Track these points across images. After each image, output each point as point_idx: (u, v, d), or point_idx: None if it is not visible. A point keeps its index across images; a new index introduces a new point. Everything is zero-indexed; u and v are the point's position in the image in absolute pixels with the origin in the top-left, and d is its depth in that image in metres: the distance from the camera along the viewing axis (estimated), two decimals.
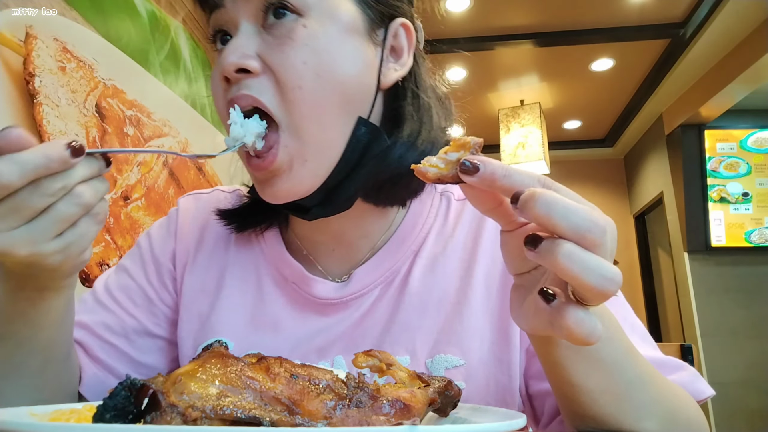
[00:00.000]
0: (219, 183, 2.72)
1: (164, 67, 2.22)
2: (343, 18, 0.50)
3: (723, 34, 3.42)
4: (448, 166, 0.36)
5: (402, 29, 0.56)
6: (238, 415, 0.29)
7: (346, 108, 0.51)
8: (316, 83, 0.48)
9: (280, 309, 0.62)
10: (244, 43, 0.49)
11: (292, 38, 0.48)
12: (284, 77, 0.48)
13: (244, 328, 0.62)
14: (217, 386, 0.31)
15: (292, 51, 0.48)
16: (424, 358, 0.56)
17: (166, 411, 0.28)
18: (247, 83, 0.49)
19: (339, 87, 0.50)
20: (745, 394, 3.96)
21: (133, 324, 0.65)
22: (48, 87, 1.55)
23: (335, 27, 0.50)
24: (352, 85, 0.51)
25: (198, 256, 0.67)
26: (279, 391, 0.32)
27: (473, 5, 3.30)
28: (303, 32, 0.48)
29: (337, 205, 0.56)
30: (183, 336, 0.64)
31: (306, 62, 0.48)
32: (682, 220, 4.30)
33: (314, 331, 0.60)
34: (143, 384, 0.29)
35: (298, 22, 0.48)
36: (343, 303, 0.60)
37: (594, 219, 0.31)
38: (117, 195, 1.84)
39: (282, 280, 0.63)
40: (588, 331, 0.32)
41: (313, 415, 0.31)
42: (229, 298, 0.63)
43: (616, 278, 0.31)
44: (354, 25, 0.51)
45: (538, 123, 4.13)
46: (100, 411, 0.28)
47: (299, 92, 0.48)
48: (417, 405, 0.34)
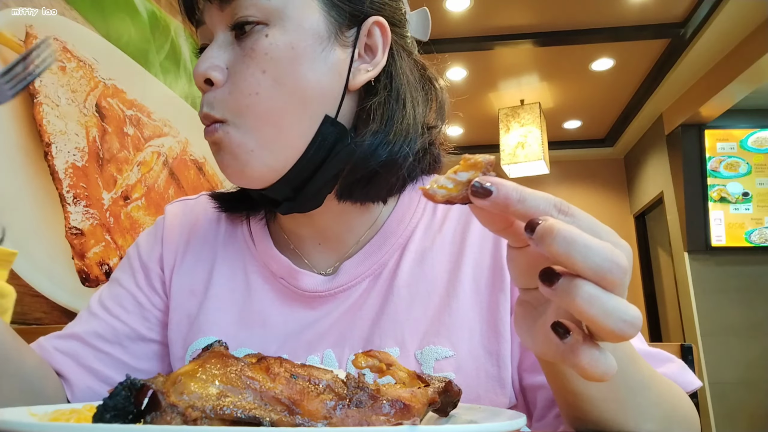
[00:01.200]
0: (219, 182, 2.72)
1: (164, 67, 2.23)
2: (306, 24, 0.52)
3: (723, 34, 3.42)
4: (458, 187, 0.34)
5: (376, 27, 0.56)
6: (238, 415, 0.29)
7: (308, 110, 0.53)
8: (274, 90, 0.51)
9: (268, 304, 0.62)
10: (215, 54, 0.52)
11: (255, 49, 0.50)
12: (242, 86, 0.51)
13: (233, 325, 0.62)
14: (217, 386, 0.31)
15: (253, 62, 0.50)
16: (414, 350, 0.56)
17: (166, 411, 0.28)
18: (210, 98, 0.52)
19: (299, 92, 0.52)
20: (745, 394, 3.96)
21: (126, 330, 0.65)
22: (48, 87, 1.56)
23: (298, 34, 0.51)
24: (314, 89, 0.52)
25: (185, 258, 0.67)
26: (279, 391, 0.32)
27: (473, 5, 3.30)
28: (265, 42, 0.51)
29: (305, 202, 0.57)
30: (173, 338, 0.65)
31: (265, 71, 0.50)
32: (682, 220, 4.30)
33: (303, 326, 0.60)
34: (143, 384, 0.29)
35: (261, 33, 0.51)
36: (330, 295, 0.60)
37: (616, 259, 0.30)
38: (117, 195, 1.84)
39: (270, 275, 0.63)
40: (602, 372, 0.31)
41: (313, 415, 0.31)
42: (218, 296, 0.64)
43: (636, 322, 0.30)
44: (318, 31, 0.53)
45: (538, 123, 4.13)
46: (100, 411, 0.28)
47: (255, 98, 0.50)
48: (417, 405, 0.34)
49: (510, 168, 4.26)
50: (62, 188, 1.58)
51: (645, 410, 0.44)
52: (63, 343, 0.64)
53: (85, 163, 1.69)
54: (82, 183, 1.67)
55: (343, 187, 0.58)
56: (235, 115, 0.52)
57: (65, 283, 1.55)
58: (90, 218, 1.69)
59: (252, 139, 0.52)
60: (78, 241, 1.63)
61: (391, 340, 0.56)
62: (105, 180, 1.79)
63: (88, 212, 1.68)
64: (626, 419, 0.44)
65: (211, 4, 0.52)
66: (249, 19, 0.50)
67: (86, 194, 1.68)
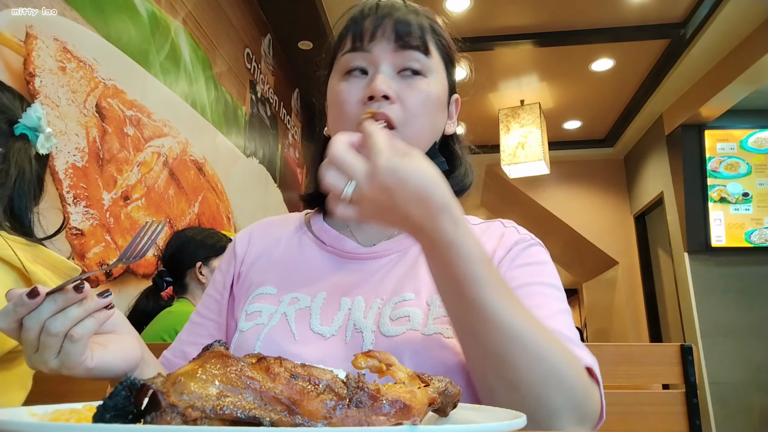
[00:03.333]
0: (219, 183, 2.72)
1: (164, 67, 2.23)
2: (442, 85, 0.77)
3: (723, 34, 3.43)
4: None
5: (455, 101, 0.84)
6: (238, 415, 0.29)
7: (431, 135, 0.76)
8: (427, 117, 0.74)
9: (317, 263, 0.78)
10: (388, 79, 0.72)
11: (420, 89, 0.73)
12: (411, 107, 0.72)
13: (284, 276, 0.77)
14: (216, 386, 0.31)
15: (420, 95, 0.73)
16: (426, 298, 0.69)
17: (166, 411, 0.28)
18: (385, 105, 0.71)
19: (433, 122, 0.75)
20: (745, 394, 3.96)
21: (214, 325, 0.80)
22: (48, 87, 1.56)
23: (440, 89, 0.76)
24: (436, 124, 0.77)
25: (251, 252, 0.83)
26: (279, 391, 0.32)
27: (473, 5, 3.31)
28: (426, 87, 0.73)
29: None
30: (237, 294, 0.79)
31: (425, 104, 0.73)
32: (682, 221, 4.30)
33: (342, 277, 0.75)
34: (143, 384, 0.29)
35: (424, 80, 0.74)
36: (366, 258, 0.76)
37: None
38: (117, 195, 1.84)
39: (320, 244, 0.80)
40: None
41: (313, 415, 0.32)
42: (274, 258, 0.80)
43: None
44: (444, 90, 0.78)
45: (538, 123, 4.13)
46: (100, 411, 0.28)
47: (416, 119, 0.72)
48: (417, 405, 0.35)
49: (510, 168, 4.26)
50: (62, 188, 1.58)
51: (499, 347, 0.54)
52: (171, 350, 0.80)
53: (85, 164, 1.69)
54: (82, 183, 1.67)
55: None
56: (402, 125, 0.71)
57: None
58: (90, 218, 1.69)
59: (406, 142, 0.70)
60: (78, 241, 1.63)
61: (409, 290, 0.71)
62: (105, 180, 1.79)
63: (88, 212, 1.68)
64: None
65: (390, 45, 0.73)
66: (415, 68, 0.73)
67: (86, 194, 1.68)
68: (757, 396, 3.96)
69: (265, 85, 3.49)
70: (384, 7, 0.75)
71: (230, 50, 2.93)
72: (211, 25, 2.70)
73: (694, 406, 1.04)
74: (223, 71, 2.82)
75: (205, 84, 2.59)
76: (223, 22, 2.85)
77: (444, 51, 0.80)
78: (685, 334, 4.30)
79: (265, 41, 3.49)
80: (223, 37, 2.84)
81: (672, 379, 1.06)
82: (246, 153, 3.11)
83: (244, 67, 3.14)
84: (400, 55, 0.73)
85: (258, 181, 3.31)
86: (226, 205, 2.78)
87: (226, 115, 2.82)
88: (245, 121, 3.12)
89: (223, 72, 2.82)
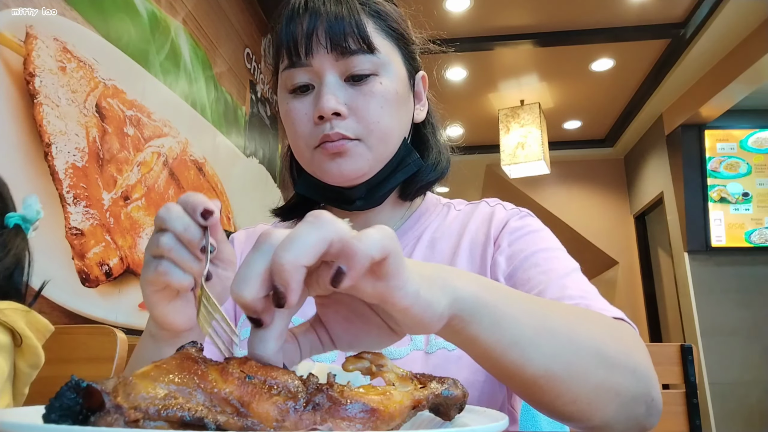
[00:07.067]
0: (219, 183, 2.72)
1: (164, 67, 2.22)
2: (401, 75, 0.71)
3: (723, 34, 3.43)
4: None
5: (420, 79, 0.77)
6: (182, 416, 0.28)
7: (400, 133, 0.72)
8: (388, 119, 0.69)
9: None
10: (336, 94, 0.67)
11: (373, 92, 0.67)
12: (368, 118, 0.67)
13: None
14: (165, 387, 0.29)
15: (374, 100, 0.67)
16: None
17: (110, 412, 0.27)
18: (338, 123, 0.67)
19: (398, 121, 0.71)
20: (745, 394, 3.96)
21: None
22: (48, 87, 1.55)
23: (398, 82, 0.70)
24: (403, 120, 0.72)
25: None
26: (228, 392, 0.30)
27: (473, 5, 3.30)
28: (380, 87, 0.68)
29: (375, 200, 0.74)
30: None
31: (382, 107, 0.68)
32: (682, 220, 4.30)
33: None
34: (88, 385, 0.28)
35: (376, 81, 0.68)
36: None
37: None
38: (117, 195, 1.84)
39: None
40: None
41: (263, 417, 0.30)
42: None
43: None
44: (405, 79, 0.72)
45: (537, 123, 4.13)
46: (47, 410, 0.28)
47: (378, 125, 0.68)
48: (389, 408, 0.33)
49: (510, 168, 4.26)
50: (62, 188, 1.58)
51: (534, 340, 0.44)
52: None
53: (85, 164, 1.69)
54: (82, 183, 1.67)
55: (401, 190, 0.78)
56: (364, 136, 0.68)
57: (65, 283, 1.55)
58: (90, 218, 1.69)
59: (371, 151, 0.70)
60: (78, 241, 1.63)
61: None
62: (105, 180, 1.79)
63: (88, 212, 1.68)
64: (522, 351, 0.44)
65: (329, 54, 0.66)
66: (362, 73, 0.67)
67: (86, 194, 1.68)
68: (757, 396, 3.96)
69: (265, 85, 3.49)
70: (312, 1, 0.67)
71: (230, 50, 2.93)
72: (211, 25, 2.70)
73: (694, 406, 1.04)
74: (223, 71, 2.82)
75: (205, 84, 2.59)
76: (223, 22, 2.85)
77: (392, 33, 0.71)
78: (684, 334, 4.30)
79: (265, 41, 3.49)
80: (223, 37, 2.84)
81: (672, 379, 1.06)
82: (246, 153, 3.11)
83: (244, 67, 3.14)
84: (343, 63, 0.66)
85: (258, 181, 3.31)
86: (226, 205, 2.78)
87: (226, 115, 2.82)
88: (245, 121, 3.12)
89: (223, 72, 2.82)
